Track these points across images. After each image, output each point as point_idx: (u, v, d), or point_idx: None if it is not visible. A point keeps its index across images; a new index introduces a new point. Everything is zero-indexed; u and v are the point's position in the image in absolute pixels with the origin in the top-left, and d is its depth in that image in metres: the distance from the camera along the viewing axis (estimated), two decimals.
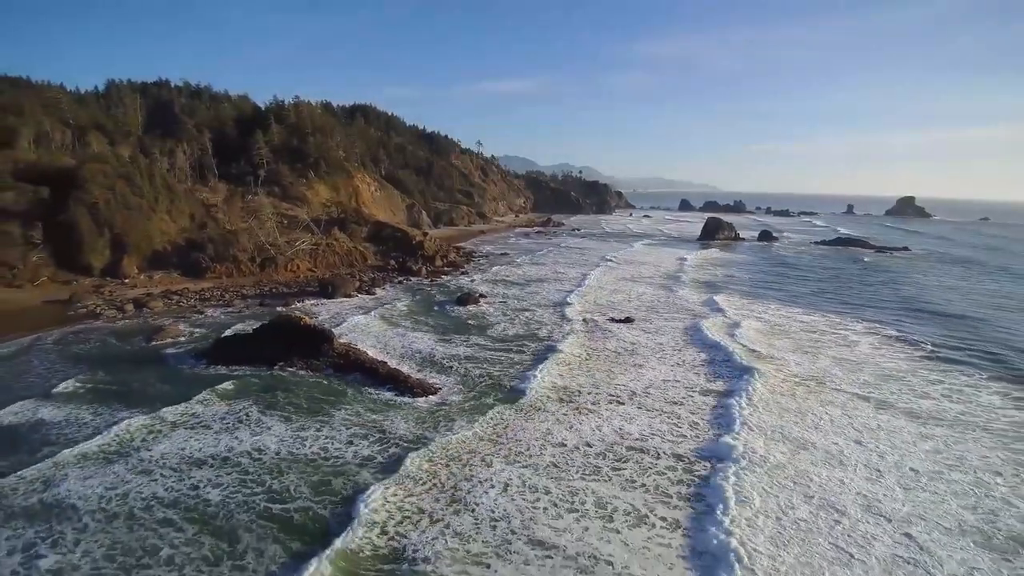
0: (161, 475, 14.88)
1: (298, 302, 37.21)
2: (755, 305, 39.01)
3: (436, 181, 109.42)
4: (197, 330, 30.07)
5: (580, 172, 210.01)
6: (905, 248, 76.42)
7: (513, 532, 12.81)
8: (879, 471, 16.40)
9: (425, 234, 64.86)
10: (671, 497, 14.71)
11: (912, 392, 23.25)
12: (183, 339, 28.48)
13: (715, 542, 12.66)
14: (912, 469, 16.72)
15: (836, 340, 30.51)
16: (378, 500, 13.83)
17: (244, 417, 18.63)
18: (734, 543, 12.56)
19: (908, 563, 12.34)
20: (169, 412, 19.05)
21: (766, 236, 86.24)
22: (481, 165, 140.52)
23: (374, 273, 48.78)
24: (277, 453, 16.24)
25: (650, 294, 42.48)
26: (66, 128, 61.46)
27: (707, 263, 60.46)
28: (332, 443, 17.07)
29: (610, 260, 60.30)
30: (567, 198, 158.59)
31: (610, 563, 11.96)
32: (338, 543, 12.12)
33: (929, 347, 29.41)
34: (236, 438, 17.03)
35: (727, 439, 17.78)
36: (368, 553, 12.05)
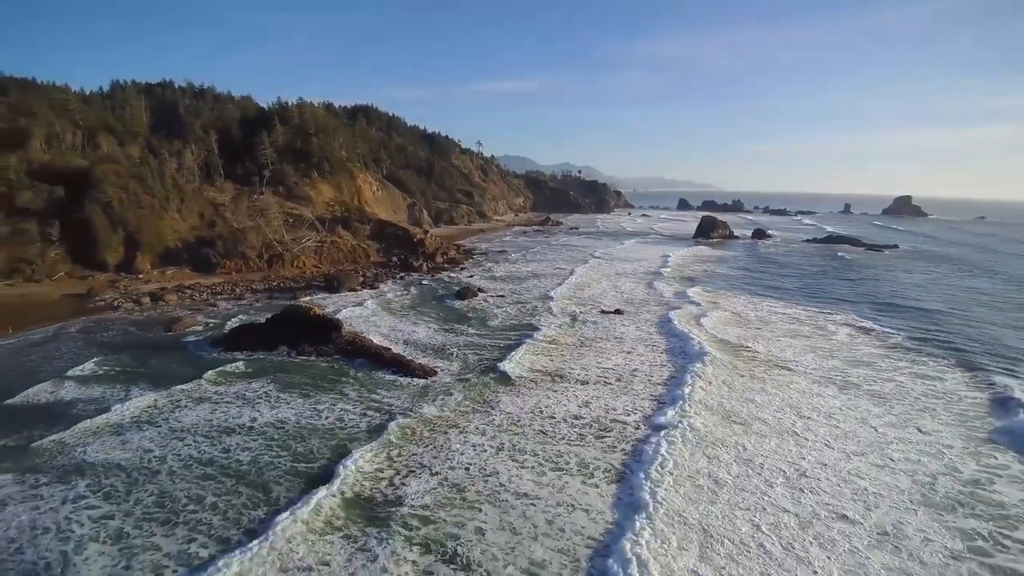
0: (194, 441, 16.86)
1: (305, 296, 39.10)
2: (731, 298, 40.89)
3: (437, 181, 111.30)
4: (212, 320, 32.00)
5: (580, 172, 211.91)
6: (894, 246, 78.27)
7: (502, 485, 14.74)
8: (831, 439, 18.26)
9: (426, 232, 66.79)
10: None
11: (878, 376, 24.91)
12: (199, 328, 30.44)
13: (652, 494, 14.55)
14: (863, 439, 18.59)
15: (812, 331, 32.32)
16: (385, 459, 15.78)
17: (263, 395, 20.58)
18: (678, 501, 14.51)
19: (836, 510, 14.20)
20: (193, 389, 21.05)
21: (759, 234, 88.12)
22: (481, 165, 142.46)
23: (377, 269, 50.70)
24: (297, 423, 18.23)
25: (631, 288, 44.33)
26: (76, 129, 63.23)
27: (695, 260, 62.35)
28: (347, 415, 19.09)
29: (602, 257, 62.33)
30: (566, 197, 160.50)
31: (586, 511, 13.86)
32: (348, 491, 14.06)
33: (900, 338, 31.16)
34: (258, 411, 19.00)
35: (679, 414, 19.50)
36: (380, 499, 14.02)
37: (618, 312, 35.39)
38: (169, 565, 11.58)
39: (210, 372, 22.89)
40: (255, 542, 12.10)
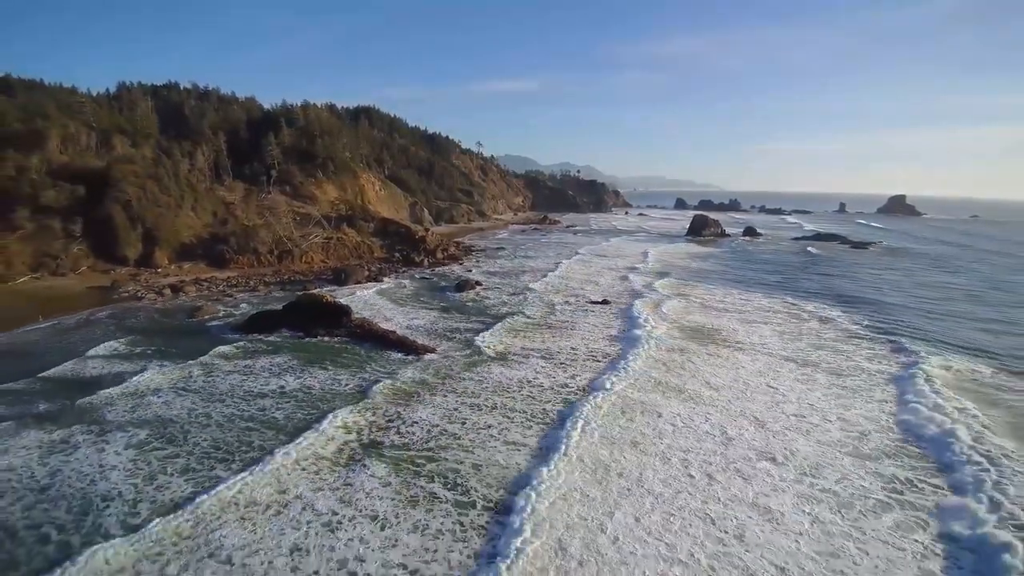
0: (232, 402, 19.74)
1: (315, 288, 41.77)
2: (697, 289, 43.76)
3: (437, 180, 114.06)
4: (231, 308, 34.82)
5: (578, 172, 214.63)
6: (878, 243, 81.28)
7: (492, 436, 17.61)
8: (780, 402, 21.07)
9: (427, 229, 69.66)
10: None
11: (838, 357, 27.39)
12: (220, 313, 33.31)
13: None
14: (810, 404, 21.34)
15: (783, 319, 35.09)
16: (395, 414, 18.76)
17: (288, 368, 23.46)
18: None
19: (766, 453, 17.01)
20: (222, 364, 23.91)
21: (750, 232, 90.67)
22: (481, 165, 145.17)
23: (381, 264, 53.49)
24: (322, 389, 21.22)
25: (607, 280, 47.50)
26: (90, 131, 65.85)
27: (675, 255, 64.99)
28: (364, 382, 22.08)
29: (586, 254, 65.17)
30: (564, 197, 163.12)
31: (563, 449, 16.70)
32: (365, 438, 16.97)
33: (865, 324, 33.88)
34: (284, 380, 21.89)
35: (619, 380, 22.60)
36: (390, 444, 16.95)
37: (605, 302, 38.21)
38: None
39: (236, 349, 25.75)
40: (285, 463, 15.11)
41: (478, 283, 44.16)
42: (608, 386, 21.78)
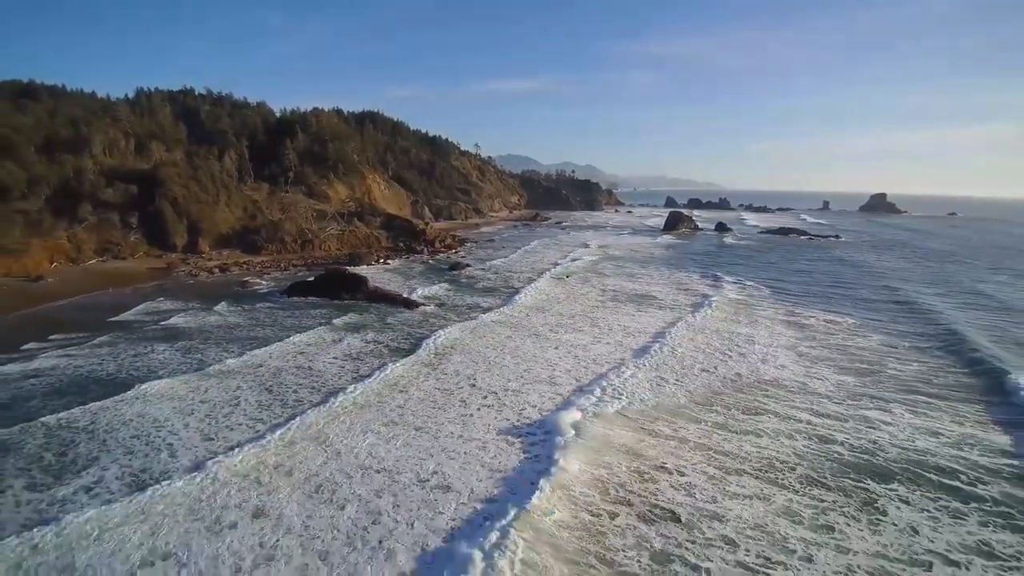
0: (299, 328, 29.31)
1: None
2: (605, 267, 54.94)
3: (437, 180, 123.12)
4: (271, 282, 44.05)
5: (573, 172, 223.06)
6: (836, 236, 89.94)
7: (478, 336, 26.97)
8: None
9: (427, 223, 78.84)
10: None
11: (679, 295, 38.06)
12: (264, 283, 42.64)
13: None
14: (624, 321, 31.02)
15: (657, 282, 44.77)
16: (405, 335, 28.24)
17: (330, 315, 32.82)
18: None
19: (630, 347, 26.25)
20: (279, 312, 33.37)
21: (721, 227, 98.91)
22: (479, 165, 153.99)
23: (387, 252, 62.65)
24: (359, 323, 30.82)
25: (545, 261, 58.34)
26: (127, 137, 74.83)
27: (619, 245, 74.95)
28: (387, 318, 31.80)
29: (554, 244, 74.82)
30: (558, 195, 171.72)
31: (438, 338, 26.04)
32: (392, 344, 26.39)
33: (766, 291, 43.48)
34: (332, 321, 31.39)
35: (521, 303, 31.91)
36: (407, 347, 26.30)
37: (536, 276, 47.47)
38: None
39: (285, 304, 35.14)
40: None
41: (468, 265, 53.39)
42: (487, 320, 32.31)
